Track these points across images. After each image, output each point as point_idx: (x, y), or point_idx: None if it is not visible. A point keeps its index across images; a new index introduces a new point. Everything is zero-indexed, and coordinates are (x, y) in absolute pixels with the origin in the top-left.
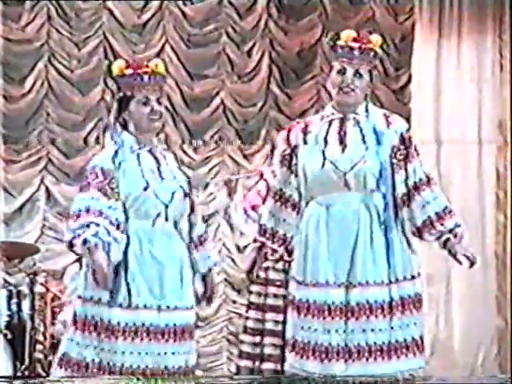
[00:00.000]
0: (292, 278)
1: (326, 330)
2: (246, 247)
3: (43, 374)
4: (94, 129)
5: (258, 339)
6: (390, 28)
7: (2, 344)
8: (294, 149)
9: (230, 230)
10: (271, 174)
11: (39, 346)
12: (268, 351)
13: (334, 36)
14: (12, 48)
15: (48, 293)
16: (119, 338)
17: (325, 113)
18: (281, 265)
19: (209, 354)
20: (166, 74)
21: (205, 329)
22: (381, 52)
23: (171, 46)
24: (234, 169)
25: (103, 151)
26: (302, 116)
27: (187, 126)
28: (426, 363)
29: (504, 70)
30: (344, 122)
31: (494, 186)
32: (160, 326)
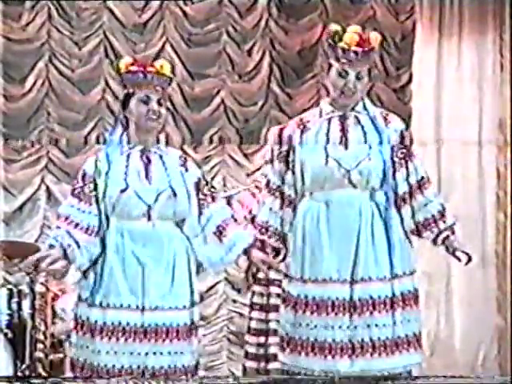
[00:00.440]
0: (287, 275)
1: (329, 327)
2: None
3: (44, 373)
4: (94, 128)
5: (263, 340)
6: (390, 27)
7: (2, 343)
8: (291, 145)
9: None
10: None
11: (40, 345)
12: (273, 351)
13: (335, 36)
14: (12, 47)
15: (48, 292)
16: (96, 337)
17: (323, 110)
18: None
19: (209, 353)
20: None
21: (205, 328)
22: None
23: (172, 46)
24: (235, 168)
25: (97, 153)
26: None
27: (188, 126)
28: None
29: (504, 69)
30: (344, 119)
31: (494, 185)
32: (140, 325)
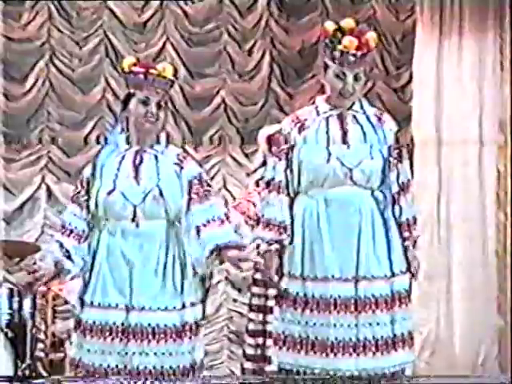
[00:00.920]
0: (285, 273)
1: (331, 325)
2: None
3: (44, 372)
4: (94, 127)
5: (261, 341)
6: (390, 26)
7: (2, 342)
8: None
9: None
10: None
11: (40, 345)
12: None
13: (334, 38)
14: (13, 47)
15: (49, 291)
16: (87, 335)
17: (319, 108)
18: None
19: (210, 352)
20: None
21: (205, 327)
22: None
23: (172, 45)
24: (235, 168)
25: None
26: None
27: (188, 125)
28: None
29: (505, 69)
30: (342, 118)
31: (494, 185)
32: (126, 325)
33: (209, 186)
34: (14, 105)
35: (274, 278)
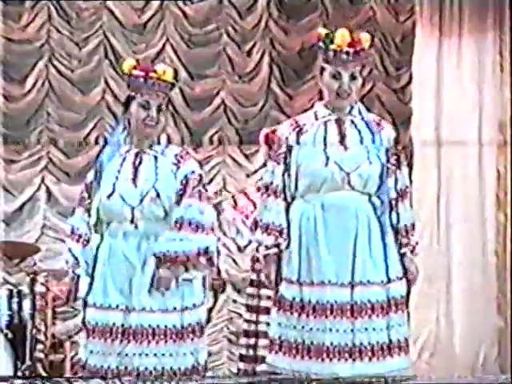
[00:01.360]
0: (282, 278)
1: (327, 330)
2: (246, 247)
3: (44, 373)
4: (94, 128)
5: (253, 341)
6: (390, 27)
7: (2, 343)
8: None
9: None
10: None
11: (40, 346)
12: (262, 353)
13: (326, 38)
14: (12, 48)
15: (48, 292)
16: (90, 336)
17: (318, 112)
18: None
19: (209, 353)
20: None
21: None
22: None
23: (172, 46)
24: (235, 168)
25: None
26: None
27: (188, 126)
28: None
29: (504, 70)
30: (340, 123)
31: (494, 186)
32: (126, 326)
33: (203, 186)
34: (13, 106)
35: (273, 282)
